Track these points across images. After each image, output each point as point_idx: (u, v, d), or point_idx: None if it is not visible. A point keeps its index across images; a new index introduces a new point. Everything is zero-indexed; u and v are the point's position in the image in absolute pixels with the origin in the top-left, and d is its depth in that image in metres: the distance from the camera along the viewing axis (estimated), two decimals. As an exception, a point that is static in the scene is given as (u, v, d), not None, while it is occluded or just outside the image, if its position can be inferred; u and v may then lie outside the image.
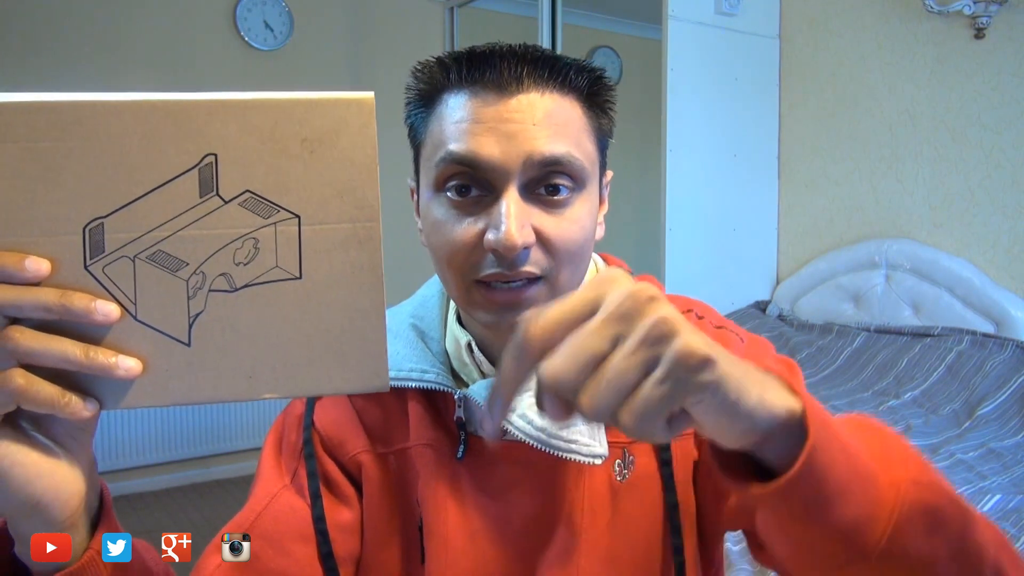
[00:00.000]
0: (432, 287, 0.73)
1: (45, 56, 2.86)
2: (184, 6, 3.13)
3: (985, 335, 2.08)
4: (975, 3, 2.17)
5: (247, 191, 0.41)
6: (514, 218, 0.55)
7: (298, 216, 0.42)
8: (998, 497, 1.39)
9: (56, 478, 0.44)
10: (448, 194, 0.58)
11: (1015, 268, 2.22)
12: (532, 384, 0.60)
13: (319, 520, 0.65)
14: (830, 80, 2.66)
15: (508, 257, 0.56)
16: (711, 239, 2.66)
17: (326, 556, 0.64)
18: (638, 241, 3.15)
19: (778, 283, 2.84)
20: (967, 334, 2.11)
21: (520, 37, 0.62)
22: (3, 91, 0.39)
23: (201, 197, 0.41)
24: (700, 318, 0.68)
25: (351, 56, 3.53)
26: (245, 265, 0.42)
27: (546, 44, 2.89)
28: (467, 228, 0.58)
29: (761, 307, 2.77)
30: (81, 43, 2.93)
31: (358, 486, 0.68)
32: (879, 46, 2.51)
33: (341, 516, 0.66)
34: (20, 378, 0.39)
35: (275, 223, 0.42)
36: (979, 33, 2.23)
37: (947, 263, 2.31)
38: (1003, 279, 2.23)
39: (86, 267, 0.40)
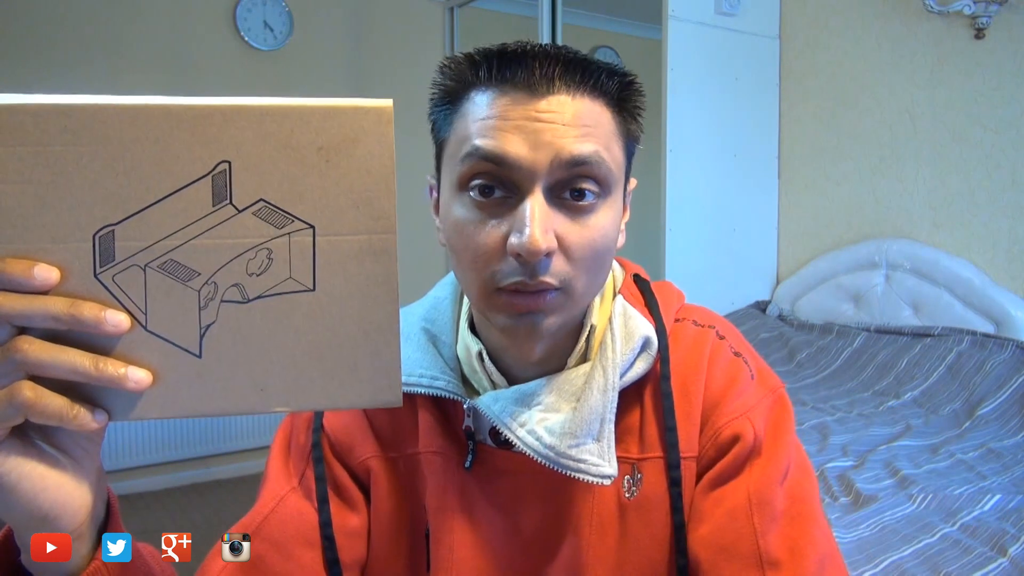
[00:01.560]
0: (444, 288, 0.72)
1: (44, 56, 2.86)
2: (184, 6, 3.13)
3: (985, 335, 2.08)
4: (975, 3, 2.17)
5: (261, 200, 0.40)
6: (538, 222, 0.54)
7: (312, 226, 0.41)
8: (998, 497, 1.39)
9: (63, 491, 0.43)
10: (472, 194, 0.56)
11: (1015, 268, 2.22)
12: (537, 406, 0.60)
13: (326, 525, 0.64)
14: (830, 80, 2.66)
15: (531, 262, 0.54)
16: (711, 239, 2.65)
17: (331, 562, 0.64)
18: (638, 241, 3.14)
19: (778, 283, 2.84)
20: (967, 334, 2.11)
21: (520, 37, 0.61)
22: (2, 92, 0.39)
23: (214, 205, 0.40)
24: (721, 338, 0.66)
25: (351, 56, 3.52)
26: (258, 276, 0.41)
27: (546, 44, 2.89)
28: (490, 231, 0.56)
29: (761, 307, 2.77)
30: (80, 43, 2.93)
31: (366, 491, 0.68)
32: (879, 46, 2.51)
33: (348, 521, 0.66)
34: (28, 391, 0.39)
35: (289, 233, 0.41)
36: (979, 33, 2.22)
37: (947, 263, 2.30)
38: (1003, 279, 2.23)
39: (96, 275, 0.40)
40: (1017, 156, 2.20)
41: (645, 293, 0.68)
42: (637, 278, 0.70)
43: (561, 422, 0.59)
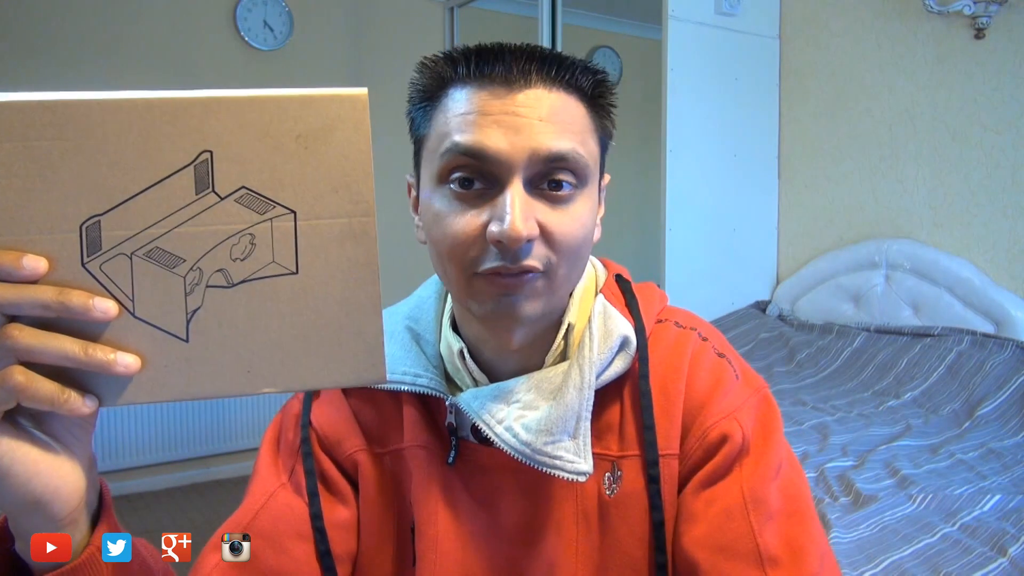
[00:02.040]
0: (429, 288, 0.73)
1: (44, 56, 2.86)
2: (184, 6, 3.13)
3: (985, 335, 2.08)
4: (975, 3, 2.17)
5: (243, 187, 0.41)
6: (519, 210, 0.55)
7: (294, 212, 0.42)
8: (998, 497, 1.39)
9: (56, 475, 0.44)
10: (452, 186, 0.58)
11: (1015, 268, 2.22)
12: (515, 403, 0.61)
13: (316, 518, 0.65)
14: (830, 80, 2.66)
15: (511, 249, 0.55)
16: (711, 239, 2.65)
17: (324, 554, 0.64)
18: (638, 241, 3.15)
19: (778, 283, 2.84)
20: (967, 334, 2.11)
21: (520, 37, 0.62)
22: (1, 91, 0.39)
23: (197, 194, 0.41)
24: (704, 339, 0.67)
25: (351, 56, 3.53)
26: (242, 261, 0.42)
27: (546, 44, 2.89)
28: (470, 219, 0.57)
29: (761, 307, 2.77)
30: (81, 43, 2.93)
31: (355, 485, 0.68)
32: (879, 46, 2.51)
33: (338, 514, 0.67)
34: (20, 375, 0.40)
35: (271, 219, 0.42)
36: (979, 33, 2.23)
37: (947, 263, 2.31)
38: (1003, 279, 2.23)
39: (83, 265, 0.41)
40: (1017, 156, 2.20)
41: (626, 293, 0.69)
42: (619, 278, 0.71)
43: (538, 419, 0.60)
